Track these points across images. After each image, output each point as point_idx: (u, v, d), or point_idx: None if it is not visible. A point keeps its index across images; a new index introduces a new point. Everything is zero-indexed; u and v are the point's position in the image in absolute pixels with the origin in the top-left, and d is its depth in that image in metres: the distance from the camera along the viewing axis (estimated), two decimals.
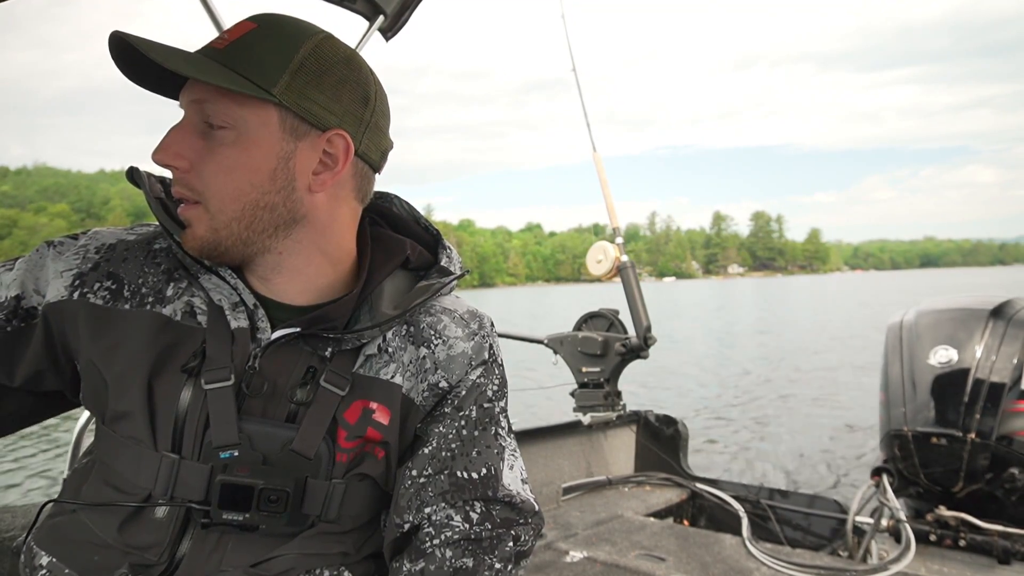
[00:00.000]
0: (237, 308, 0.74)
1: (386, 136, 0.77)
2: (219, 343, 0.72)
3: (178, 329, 0.73)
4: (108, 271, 0.75)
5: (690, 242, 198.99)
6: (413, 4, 1.72)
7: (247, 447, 0.69)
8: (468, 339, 0.81)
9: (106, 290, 0.74)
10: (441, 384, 0.79)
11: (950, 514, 2.28)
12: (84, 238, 0.78)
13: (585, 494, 2.75)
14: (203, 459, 0.69)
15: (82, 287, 0.74)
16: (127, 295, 0.74)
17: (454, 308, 0.83)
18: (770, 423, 7.32)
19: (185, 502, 0.69)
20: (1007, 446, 2.25)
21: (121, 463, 0.72)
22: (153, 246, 0.78)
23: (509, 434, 0.84)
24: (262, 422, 0.71)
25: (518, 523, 0.80)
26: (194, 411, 0.70)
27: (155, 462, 0.70)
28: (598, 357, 2.81)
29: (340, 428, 0.73)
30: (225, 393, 0.70)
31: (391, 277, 0.79)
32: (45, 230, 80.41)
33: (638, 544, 2.19)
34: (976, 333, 2.39)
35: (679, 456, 2.97)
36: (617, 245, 2.84)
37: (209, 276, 0.74)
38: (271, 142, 0.69)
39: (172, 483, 0.69)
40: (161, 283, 0.75)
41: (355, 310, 0.76)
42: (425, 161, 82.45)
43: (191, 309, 0.74)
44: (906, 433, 2.39)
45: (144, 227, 0.82)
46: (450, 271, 0.82)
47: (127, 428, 0.72)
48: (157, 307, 0.74)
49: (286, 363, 0.73)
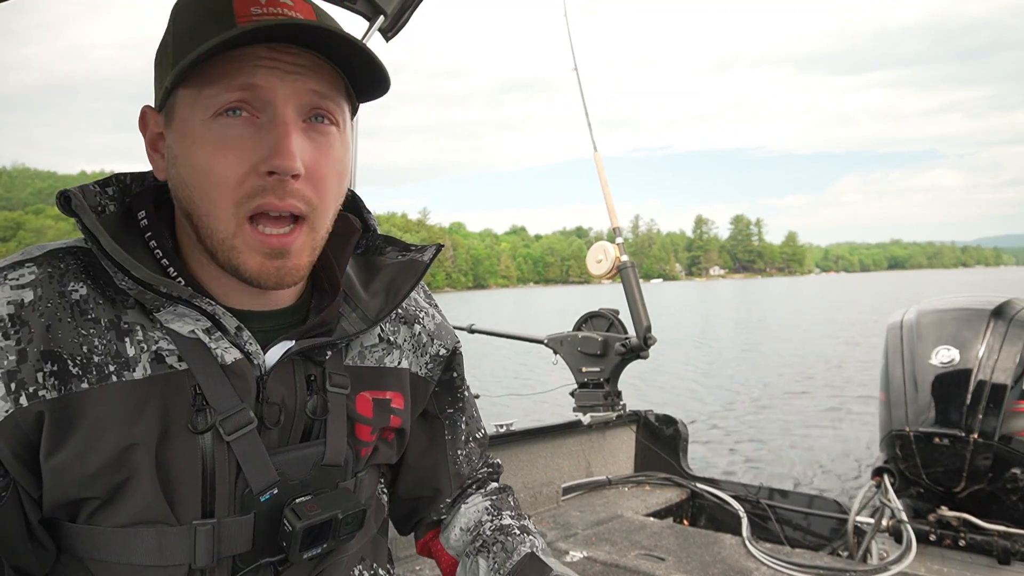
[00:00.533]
0: (214, 335, 0.63)
1: None
2: (216, 384, 0.62)
3: (159, 385, 0.62)
4: (40, 352, 0.59)
5: (672, 245, 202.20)
6: (413, 4, 1.72)
7: (284, 480, 0.66)
8: (433, 307, 0.86)
9: (52, 376, 0.59)
10: (441, 352, 0.83)
11: (952, 514, 2.27)
12: None
13: (585, 494, 2.75)
14: (242, 511, 0.64)
15: (23, 388, 0.58)
16: (77, 372, 0.60)
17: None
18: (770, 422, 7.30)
19: (262, 559, 0.65)
20: (1009, 446, 2.24)
21: (132, 554, 0.62)
22: (71, 296, 0.61)
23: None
24: (287, 450, 0.67)
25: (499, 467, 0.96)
26: (222, 466, 0.63)
27: (186, 536, 0.62)
28: (598, 357, 2.81)
29: (357, 424, 0.73)
30: (252, 438, 0.64)
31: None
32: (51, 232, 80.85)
33: (638, 544, 2.19)
34: (978, 333, 2.38)
35: (679, 456, 2.96)
36: (617, 245, 2.84)
37: (174, 307, 0.62)
38: (349, 144, 0.65)
39: (216, 548, 0.63)
40: (114, 343, 0.61)
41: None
42: (400, 162, 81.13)
43: (157, 356, 0.62)
44: (908, 433, 2.38)
45: (24, 274, 0.61)
46: (400, 240, 0.79)
47: (131, 515, 0.61)
48: (125, 374, 0.61)
49: (287, 380, 0.68)
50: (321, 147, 0.61)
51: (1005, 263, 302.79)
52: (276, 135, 0.57)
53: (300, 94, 0.59)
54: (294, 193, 0.59)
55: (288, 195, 0.58)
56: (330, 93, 0.61)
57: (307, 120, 0.61)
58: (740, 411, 7.99)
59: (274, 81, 0.58)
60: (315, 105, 0.60)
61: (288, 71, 0.58)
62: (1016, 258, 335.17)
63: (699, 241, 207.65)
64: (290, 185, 0.58)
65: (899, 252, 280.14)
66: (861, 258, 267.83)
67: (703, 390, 9.65)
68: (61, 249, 0.65)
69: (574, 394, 2.91)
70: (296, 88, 0.59)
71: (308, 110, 0.60)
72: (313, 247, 0.64)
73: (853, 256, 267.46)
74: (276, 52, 0.58)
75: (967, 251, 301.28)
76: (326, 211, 0.63)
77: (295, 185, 0.58)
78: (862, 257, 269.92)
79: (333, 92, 0.62)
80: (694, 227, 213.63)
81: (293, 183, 0.58)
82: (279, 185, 0.58)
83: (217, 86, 0.58)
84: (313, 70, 0.60)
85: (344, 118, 0.64)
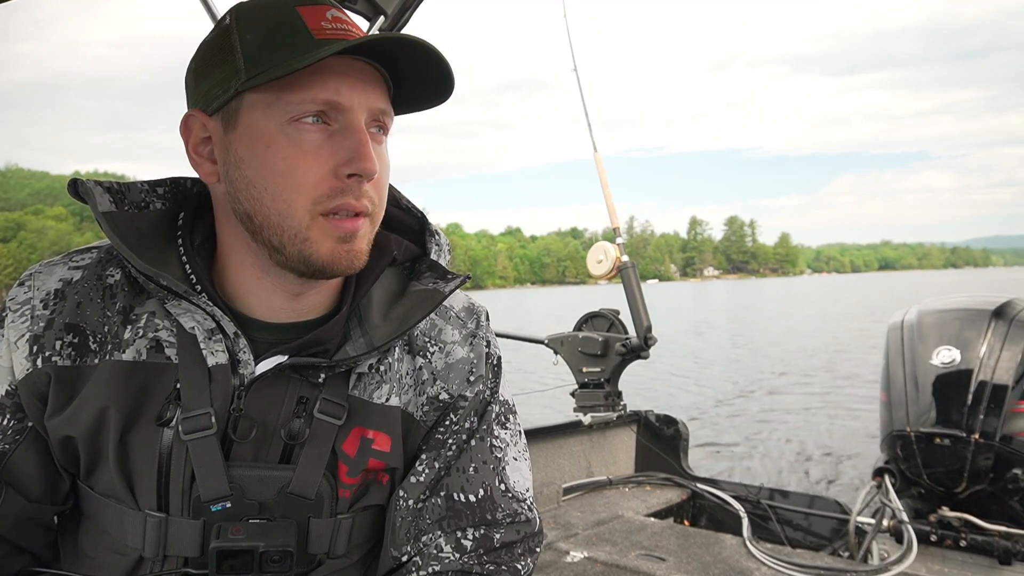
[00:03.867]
0: (213, 337, 0.65)
1: None
2: (194, 383, 0.64)
3: (144, 371, 0.65)
4: (64, 323, 0.66)
5: (667, 246, 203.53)
6: (414, 4, 1.72)
7: (240, 496, 0.64)
8: (465, 343, 0.76)
9: (70, 347, 0.66)
10: (442, 396, 0.74)
11: (953, 515, 2.27)
12: (27, 292, 0.68)
13: (585, 494, 2.75)
14: (193, 514, 0.64)
15: (42, 351, 0.65)
16: (94, 347, 0.66)
17: (449, 305, 0.77)
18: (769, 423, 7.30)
19: (180, 569, 0.64)
20: (1010, 446, 2.24)
21: (105, 521, 0.67)
22: (107, 280, 0.68)
23: (513, 434, 0.78)
24: (254, 467, 0.65)
25: (517, 551, 0.74)
26: (177, 464, 0.64)
27: (139, 521, 0.64)
28: (598, 357, 2.81)
29: (340, 462, 0.68)
30: (209, 443, 0.63)
31: (379, 280, 0.73)
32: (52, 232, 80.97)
33: (638, 544, 2.18)
34: (979, 333, 2.38)
35: (679, 456, 2.96)
36: (618, 245, 2.84)
37: (178, 301, 0.66)
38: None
39: (163, 543, 0.64)
40: (117, 325, 0.67)
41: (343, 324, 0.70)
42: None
43: (157, 343, 0.66)
44: (909, 434, 2.38)
45: (85, 256, 0.70)
46: (443, 268, 0.76)
47: (103, 486, 0.67)
48: (116, 354, 0.65)
49: (274, 396, 0.66)
50: (380, 155, 0.66)
51: (994, 264, 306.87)
52: (356, 141, 0.62)
53: (371, 107, 0.64)
54: (366, 194, 0.64)
55: (362, 196, 0.63)
56: (387, 107, 0.66)
57: (370, 130, 0.65)
58: (739, 411, 7.98)
59: (353, 95, 0.62)
60: (377, 117, 0.65)
61: (361, 85, 0.63)
62: (1005, 259, 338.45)
63: (694, 242, 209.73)
64: (365, 186, 0.63)
65: (890, 253, 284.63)
66: (852, 259, 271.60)
67: (702, 390, 9.64)
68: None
69: (575, 394, 2.90)
70: (368, 100, 0.63)
71: (371, 121, 0.65)
72: (370, 239, 0.67)
73: (844, 257, 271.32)
74: (350, 66, 0.63)
75: (956, 252, 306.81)
76: (382, 210, 0.68)
77: (367, 187, 0.63)
78: (853, 258, 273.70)
79: (388, 105, 0.66)
80: (689, 228, 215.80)
81: (366, 185, 0.63)
82: (357, 187, 0.62)
83: (299, 94, 0.61)
84: (375, 84, 0.64)
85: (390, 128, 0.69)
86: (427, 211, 0.80)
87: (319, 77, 0.61)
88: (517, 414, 0.80)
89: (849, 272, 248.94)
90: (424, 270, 0.76)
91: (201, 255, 0.69)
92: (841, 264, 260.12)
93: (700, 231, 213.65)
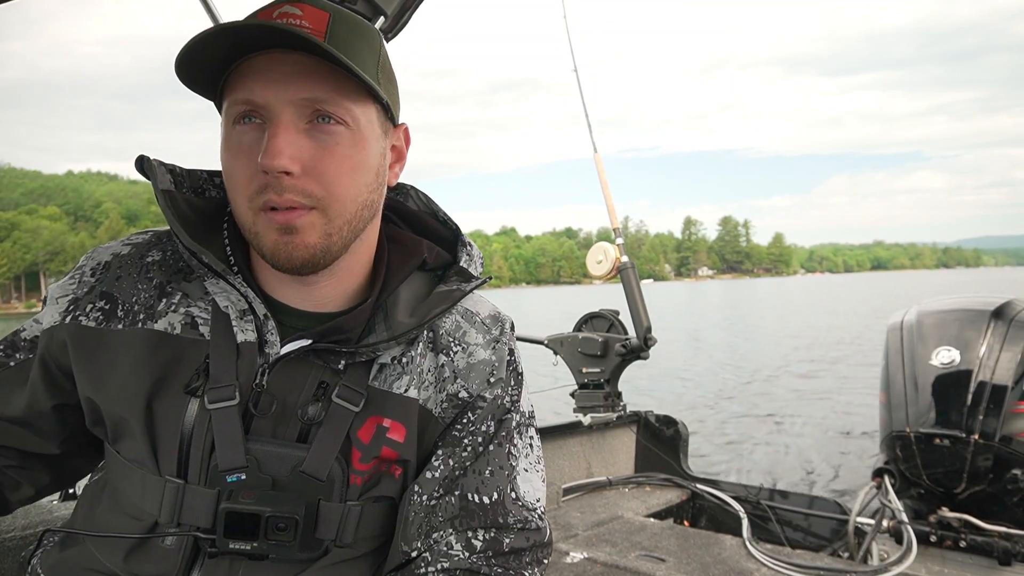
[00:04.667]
0: (245, 317, 0.69)
1: None
2: (223, 358, 0.67)
3: (178, 343, 0.69)
4: (101, 291, 0.72)
5: (661, 246, 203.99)
6: (414, 4, 1.71)
7: (255, 470, 0.66)
8: (488, 346, 0.77)
9: (99, 311, 0.71)
10: (461, 395, 0.75)
11: (953, 515, 2.27)
12: (83, 259, 0.76)
13: (585, 495, 2.74)
14: (210, 483, 0.66)
15: (75, 311, 0.71)
16: (120, 314, 0.71)
17: (476, 311, 0.79)
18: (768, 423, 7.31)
19: (191, 531, 0.66)
20: (1010, 447, 2.24)
21: (127, 487, 0.69)
22: (146, 259, 0.74)
23: (531, 445, 0.79)
24: (271, 443, 0.67)
25: (525, 558, 0.75)
26: (199, 433, 0.66)
27: (159, 487, 0.66)
28: (598, 358, 2.81)
29: (354, 448, 0.69)
30: (230, 413, 0.66)
31: (407, 281, 0.75)
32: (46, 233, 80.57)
33: (638, 545, 2.18)
34: (978, 334, 2.39)
35: (679, 457, 2.96)
36: (617, 246, 2.83)
37: (216, 280, 0.70)
38: (375, 139, 0.68)
39: (178, 510, 0.66)
40: (152, 298, 0.71)
41: (370, 318, 0.72)
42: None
43: (191, 320, 0.70)
44: (908, 434, 2.38)
45: (140, 236, 0.78)
46: (470, 273, 0.78)
47: (129, 451, 0.69)
48: (148, 323, 0.69)
49: (296, 378, 0.69)
50: (326, 145, 0.64)
51: (985, 264, 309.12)
52: (267, 136, 0.62)
53: (293, 99, 0.62)
54: (291, 188, 0.62)
55: (285, 190, 0.62)
56: (329, 95, 0.63)
57: (312, 121, 0.64)
58: (738, 412, 7.99)
59: (268, 91, 0.62)
60: (313, 108, 0.63)
61: (281, 79, 0.62)
62: (995, 259, 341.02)
63: (688, 242, 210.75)
64: (284, 181, 0.62)
65: (882, 253, 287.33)
66: (845, 259, 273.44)
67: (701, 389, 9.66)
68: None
69: (574, 395, 2.90)
70: (288, 94, 0.62)
71: (310, 112, 0.63)
72: (328, 231, 0.65)
73: (837, 257, 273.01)
74: (275, 60, 0.62)
75: (948, 252, 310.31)
76: (340, 201, 0.65)
77: (290, 181, 0.62)
78: (846, 258, 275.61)
79: (333, 94, 0.63)
80: (683, 228, 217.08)
81: (288, 179, 0.62)
82: (275, 182, 0.62)
83: (232, 96, 0.64)
84: (308, 75, 0.62)
85: (358, 116, 0.65)
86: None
87: (242, 78, 0.63)
88: (536, 427, 0.82)
89: (842, 272, 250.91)
90: (452, 275, 0.78)
91: (244, 243, 0.72)
92: (834, 264, 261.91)
93: (695, 231, 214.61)
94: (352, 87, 0.64)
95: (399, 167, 0.75)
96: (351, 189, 0.66)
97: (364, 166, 0.67)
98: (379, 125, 0.68)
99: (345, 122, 0.64)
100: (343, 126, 0.64)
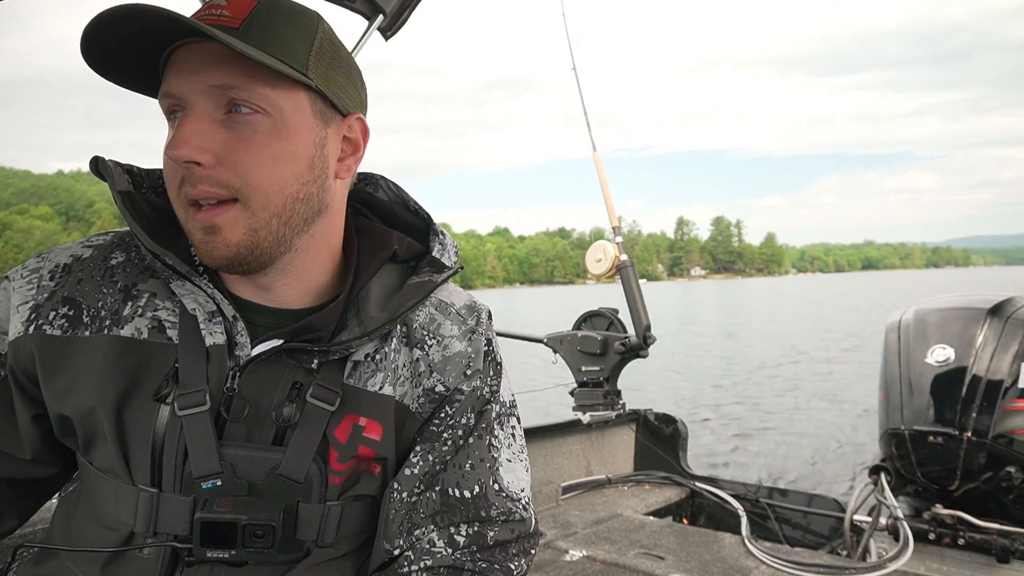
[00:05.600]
0: (214, 319, 0.67)
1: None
2: (192, 362, 0.66)
3: (145, 349, 0.67)
4: (63, 296, 0.68)
5: (654, 246, 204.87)
6: (413, 3, 1.71)
7: (230, 475, 0.64)
8: (464, 338, 0.75)
9: (63, 318, 0.68)
10: (438, 388, 0.73)
11: (947, 512, 2.29)
12: (40, 261, 0.71)
13: (584, 493, 2.75)
14: (185, 491, 0.64)
15: (37, 319, 0.68)
16: (87, 320, 0.68)
17: (450, 302, 0.77)
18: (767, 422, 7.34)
19: (167, 541, 0.64)
20: (1004, 445, 2.26)
21: (101, 497, 0.68)
22: (110, 261, 0.71)
23: (512, 435, 0.78)
24: (245, 447, 0.66)
25: (511, 550, 0.74)
26: (171, 440, 0.65)
27: (133, 497, 0.65)
28: (597, 356, 2.81)
29: (331, 448, 0.68)
30: (202, 419, 0.64)
31: (379, 274, 0.73)
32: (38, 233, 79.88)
33: (637, 543, 2.19)
34: (974, 332, 2.40)
35: (678, 455, 2.97)
36: (616, 244, 2.84)
37: (182, 282, 0.67)
38: (307, 128, 0.65)
39: (154, 519, 0.64)
40: (118, 303, 0.68)
41: (342, 314, 0.70)
42: (382, 161, 79.83)
43: (159, 324, 0.68)
44: (903, 432, 2.40)
45: (100, 237, 0.74)
46: (443, 263, 0.76)
47: (101, 461, 0.67)
48: (115, 330, 0.67)
49: (269, 379, 0.67)
50: (241, 134, 0.61)
51: (974, 263, 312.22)
52: (175, 127, 0.62)
53: (203, 93, 0.61)
54: (204, 179, 0.61)
55: (198, 182, 0.61)
56: (242, 82, 0.61)
57: (229, 112, 0.62)
58: (737, 411, 8.02)
59: (181, 82, 0.61)
60: (227, 96, 0.61)
61: (193, 69, 0.61)
62: (984, 259, 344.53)
63: (681, 242, 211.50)
64: (196, 172, 0.61)
65: (873, 253, 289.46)
66: (836, 259, 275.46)
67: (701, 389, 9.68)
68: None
69: (573, 393, 2.91)
70: (199, 84, 0.61)
71: (226, 101, 0.61)
72: (254, 227, 0.63)
73: (828, 257, 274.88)
74: (191, 51, 0.61)
75: (938, 252, 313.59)
76: (260, 192, 0.62)
77: (203, 171, 0.61)
78: (837, 258, 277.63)
79: (247, 80, 0.61)
80: (676, 228, 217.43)
81: (200, 170, 0.61)
82: (188, 173, 0.61)
83: (160, 92, 0.64)
84: (220, 63, 0.60)
85: (278, 103, 0.62)
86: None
87: (165, 72, 0.63)
88: (518, 416, 0.80)
89: (833, 272, 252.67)
90: (424, 266, 0.76)
91: None
92: (825, 264, 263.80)
93: (687, 231, 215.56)
94: (271, 74, 0.62)
95: (354, 160, 0.71)
96: (273, 179, 0.62)
97: (289, 155, 0.63)
98: (312, 113, 0.65)
99: (263, 109, 0.62)
100: (261, 114, 0.62)
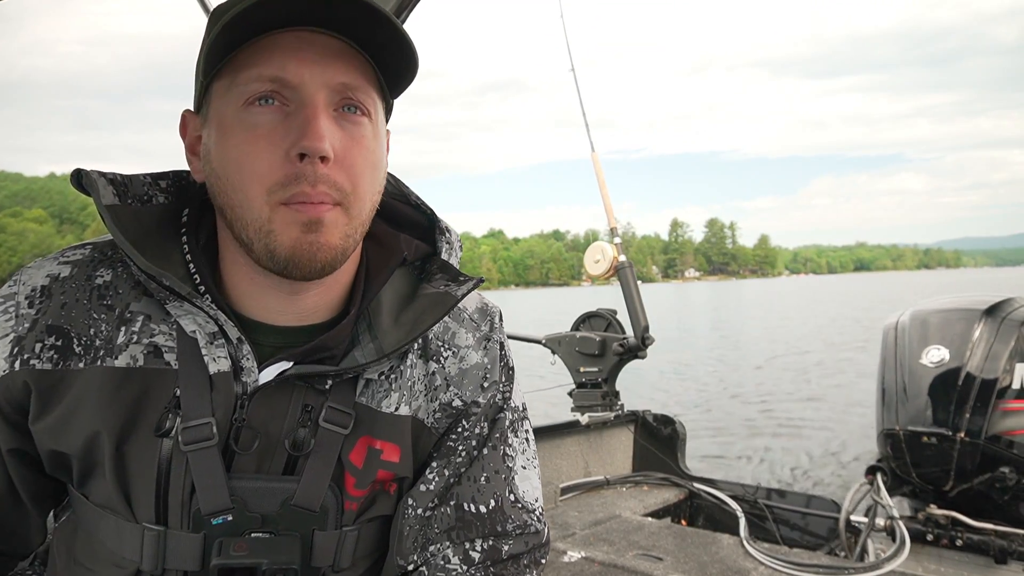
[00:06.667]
0: (216, 341, 0.62)
1: None
2: (195, 391, 0.61)
3: (142, 377, 0.62)
4: (47, 325, 0.62)
5: (649, 247, 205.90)
6: (411, 3, 1.71)
7: (241, 509, 0.61)
8: (480, 346, 0.73)
9: (52, 349, 0.62)
10: (455, 403, 0.71)
11: (941, 512, 2.30)
12: (12, 286, 0.65)
13: (583, 494, 2.75)
14: (193, 528, 0.61)
15: (22, 353, 0.62)
16: (79, 351, 0.62)
17: (462, 305, 0.75)
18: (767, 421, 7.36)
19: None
20: (997, 445, 2.27)
21: (101, 532, 0.64)
22: (95, 281, 0.64)
23: (526, 440, 0.77)
24: (256, 479, 0.62)
25: (523, 562, 0.73)
26: (177, 476, 0.61)
27: (137, 535, 0.61)
28: (596, 357, 2.81)
29: (347, 473, 0.65)
30: (209, 454, 0.60)
31: (389, 282, 0.70)
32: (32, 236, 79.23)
33: (636, 544, 2.19)
34: (968, 333, 2.42)
35: (677, 456, 2.98)
36: (615, 245, 2.85)
37: (180, 303, 0.62)
38: (383, 136, 0.64)
39: (162, 557, 0.61)
40: (111, 330, 0.63)
41: (352, 328, 0.66)
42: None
43: (155, 349, 0.63)
44: (898, 432, 2.41)
45: (77, 252, 0.67)
46: (453, 267, 0.73)
47: (98, 496, 0.63)
48: (108, 360, 0.62)
49: (279, 404, 0.63)
50: (353, 135, 0.60)
51: (964, 265, 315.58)
52: (305, 117, 0.57)
53: (329, 82, 0.58)
54: (325, 179, 0.57)
55: (319, 181, 0.57)
56: (360, 83, 0.60)
57: (338, 109, 0.60)
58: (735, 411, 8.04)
59: (302, 70, 0.57)
60: (345, 94, 0.59)
61: (316, 60, 0.58)
62: (975, 260, 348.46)
63: (675, 244, 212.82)
64: (320, 169, 0.57)
65: (865, 255, 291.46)
66: (829, 260, 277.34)
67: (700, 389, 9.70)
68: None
69: (572, 394, 2.91)
70: (325, 77, 0.58)
71: (339, 99, 0.59)
72: (347, 233, 0.60)
73: (821, 258, 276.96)
74: (304, 40, 0.58)
75: (929, 253, 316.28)
76: (360, 200, 0.61)
77: (325, 170, 0.57)
78: (829, 259, 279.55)
79: (363, 82, 0.60)
80: (670, 230, 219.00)
81: (323, 167, 0.57)
82: (311, 170, 0.57)
83: (248, 74, 0.58)
84: (341, 58, 0.59)
85: (376, 110, 0.62)
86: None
87: (266, 54, 0.57)
88: (529, 420, 0.79)
89: (826, 273, 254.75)
90: (435, 271, 0.72)
91: (206, 254, 0.66)
92: (818, 265, 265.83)
93: (681, 233, 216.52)
94: (374, 77, 0.61)
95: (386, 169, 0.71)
96: (370, 187, 0.62)
97: (381, 163, 0.63)
98: (384, 122, 0.65)
99: (369, 113, 0.61)
100: (367, 117, 0.61)
